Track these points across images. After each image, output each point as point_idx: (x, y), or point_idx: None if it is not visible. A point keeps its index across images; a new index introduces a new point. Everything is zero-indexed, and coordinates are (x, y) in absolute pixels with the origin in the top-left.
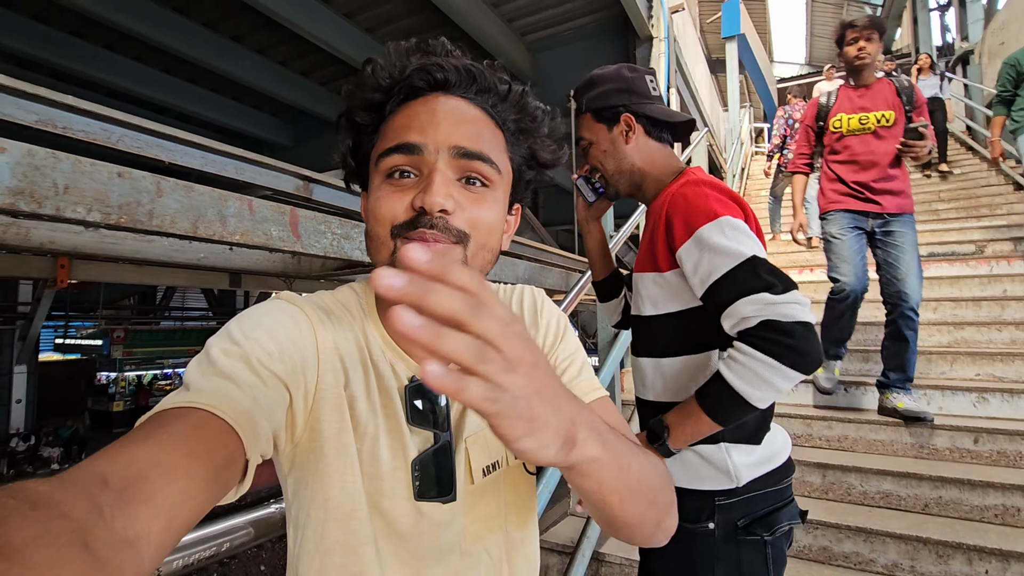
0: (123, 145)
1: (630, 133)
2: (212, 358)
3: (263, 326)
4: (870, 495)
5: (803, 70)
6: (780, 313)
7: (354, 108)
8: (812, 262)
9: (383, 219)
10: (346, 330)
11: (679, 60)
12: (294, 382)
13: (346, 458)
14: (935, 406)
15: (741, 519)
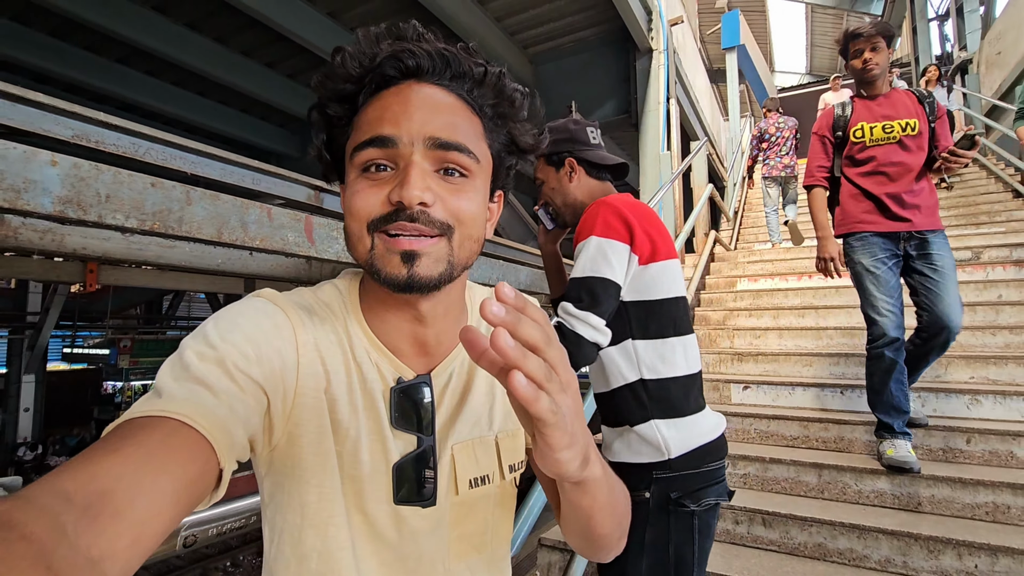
0: (150, 157)
1: (573, 174)
2: (186, 362)
3: (241, 328)
4: (864, 494)
5: (804, 79)
6: (568, 321)
7: (325, 100)
8: (810, 269)
9: (359, 214)
10: (328, 330)
11: (679, 71)
12: (272, 386)
13: (325, 464)
14: (930, 408)
15: (674, 492)
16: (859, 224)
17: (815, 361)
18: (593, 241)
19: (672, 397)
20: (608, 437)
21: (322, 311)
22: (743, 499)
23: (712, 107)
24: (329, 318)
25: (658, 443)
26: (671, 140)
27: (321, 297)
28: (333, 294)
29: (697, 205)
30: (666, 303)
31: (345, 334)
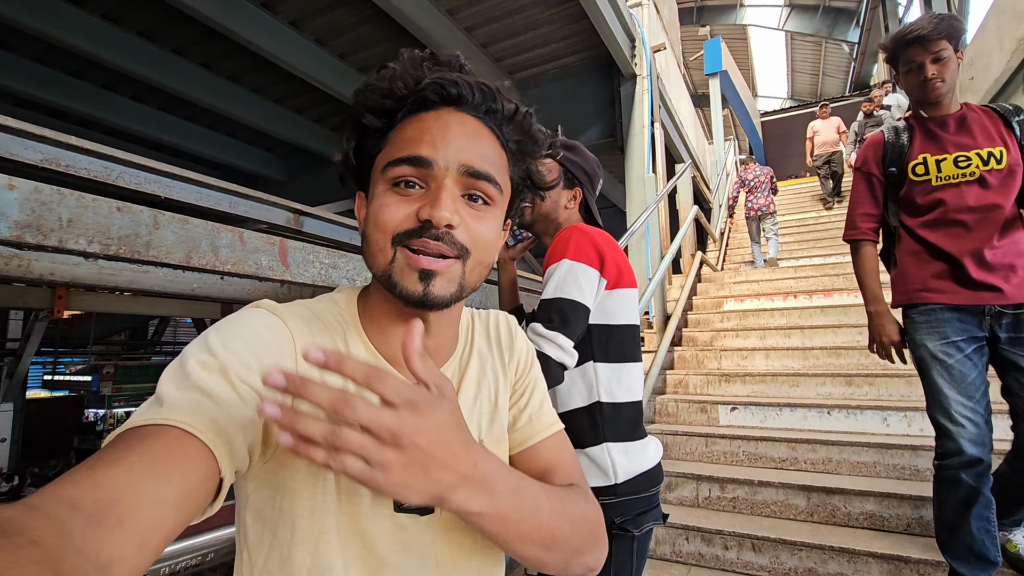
0: (122, 181)
1: (573, 201)
2: (188, 370)
3: (242, 337)
4: (854, 516)
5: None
6: (536, 343)
7: (364, 110)
8: (795, 288)
9: (386, 226)
10: (326, 340)
11: (663, 96)
12: (271, 396)
13: (318, 477)
14: (916, 427)
15: (617, 517)
16: (924, 293)
17: (802, 381)
18: (565, 264)
19: (624, 421)
20: None
21: (320, 322)
22: (733, 523)
23: (697, 131)
24: (327, 329)
25: (607, 467)
26: (656, 162)
27: (319, 308)
28: (331, 307)
29: (683, 226)
30: (625, 329)
31: (344, 344)
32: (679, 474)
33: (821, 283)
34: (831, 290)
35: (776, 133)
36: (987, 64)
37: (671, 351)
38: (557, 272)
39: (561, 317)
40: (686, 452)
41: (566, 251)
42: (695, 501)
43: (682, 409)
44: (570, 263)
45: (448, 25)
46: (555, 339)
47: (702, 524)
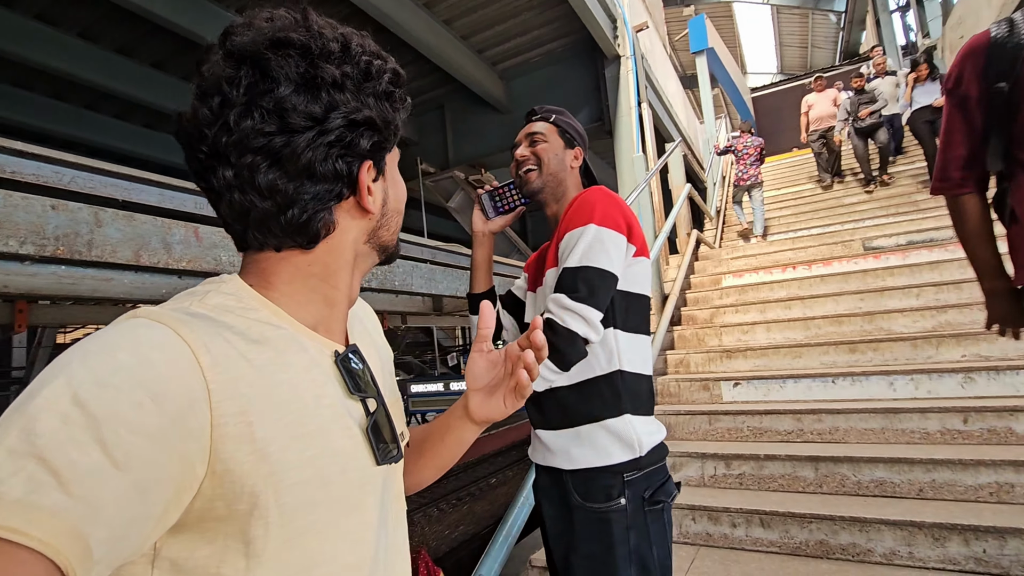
0: (76, 186)
1: (575, 161)
2: (35, 429)
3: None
4: (864, 484)
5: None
6: (560, 317)
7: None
8: (794, 260)
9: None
10: (240, 334)
11: (649, 76)
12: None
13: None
14: (923, 390)
15: (646, 490)
16: None
17: (804, 352)
18: (592, 229)
19: (642, 393)
20: (561, 443)
21: (224, 316)
22: (740, 500)
23: (687, 111)
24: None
25: (631, 439)
26: (646, 142)
27: (215, 304)
28: (226, 300)
29: (676, 204)
30: (643, 299)
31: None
32: (683, 453)
33: (820, 252)
34: (830, 259)
35: (768, 108)
36: (976, 22)
37: (670, 331)
38: (583, 238)
39: (589, 287)
40: (689, 431)
41: (592, 215)
42: (700, 480)
43: (684, 388)
44: (597, 228)
45: (426, 19)
46: (583, 312)
47: (708, 503)
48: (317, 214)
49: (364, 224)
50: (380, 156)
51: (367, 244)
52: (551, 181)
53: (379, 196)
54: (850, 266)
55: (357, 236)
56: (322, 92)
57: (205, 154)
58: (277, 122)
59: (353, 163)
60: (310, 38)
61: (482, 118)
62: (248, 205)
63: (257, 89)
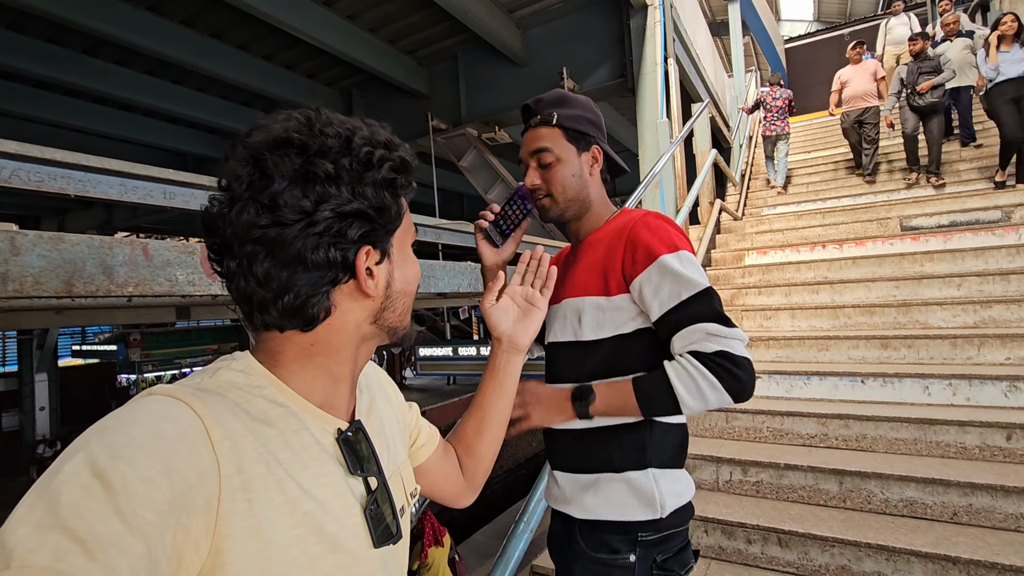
0: (17, 181)
1: (595, 165)
2: (60, 504)
3: (136, 442)
4: (892, 503)
5: (812, 27)
6: (731, 346)
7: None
8: (824, 237)
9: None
10: (247, 410)
11: (677, 27)
12: (187, 507)
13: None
14: (962, 397)
15: (659, 555)
16: None
17: (831, 345)
18: (686, 254)
19: (673, 445)
20: (576, 489)
21: (231, 393)
22: (757, 513)
23: (715, 63)
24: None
25: (652, 497)
26: (671, 104)
27: (224, 381)
28: (236, 377)
29: (700, 174)
30: None
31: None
32: (697, 455)
33: (852, 230)
34: (863, 238)
35: (801, 61)
36: None
37: None
38: (682, 262)
39: (722, 310)
40: (704, 428)
41: (674, 240)
42: (715, 484)
43: None
44: (683, 252)
45: None
46: (741, 336)
47: (723, 514)
48: (311, 299)
49: (367, 305)
50: (379, 241)
51: (373, 325)
52: (572, 205)
53: (382, 278)
54: (885, 248)
55: (361, 318)
56: (316, 186)
57: (216, 244)
58: (270, 215)
59: (348, 250)
60: (310, 137)
61: (497, 71)
62: (250, 291)
63: (256, 186)
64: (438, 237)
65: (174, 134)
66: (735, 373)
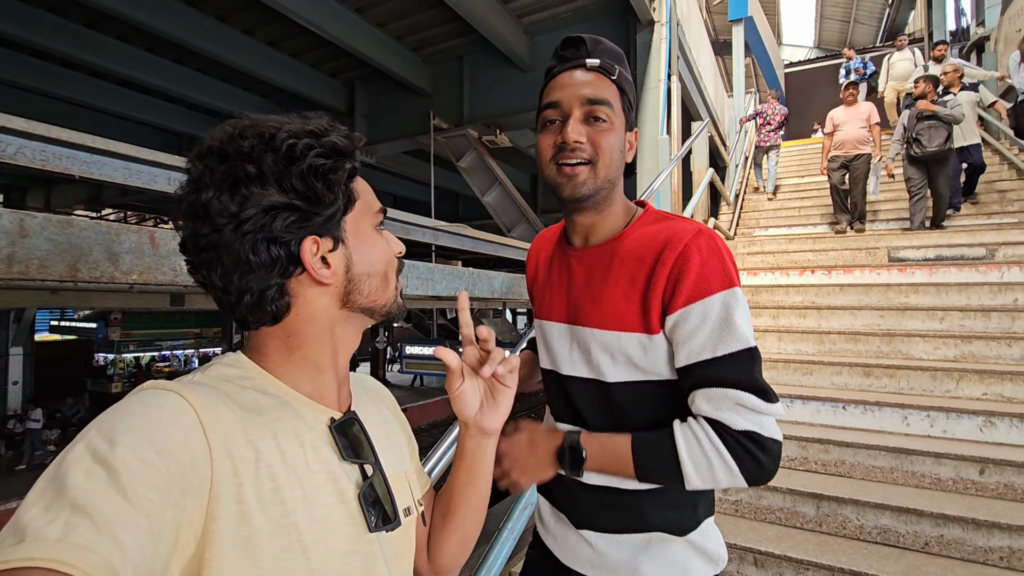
0: (21, 158)
1: (631, 152)
2: (67, 483)
3: (134, 428)
4: (866, 530)
5: (811, 54)
6: (761, 425)
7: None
8: (813, 263)
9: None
10: (237, 400)
11: (682, 45)
12: (183, 488)
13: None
14: (939, 429)
15: None
16: None
17: (816, 369)
18: (738, 295)
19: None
20: (624, 554)
21: (222, 385)
22: (735, 532)
23: (716, 82)
24: (231, 390)
25: (714, 551)
26: (671, 121)
27: (215, 374)
28: (229, 371)
29: (697, 191)
30: None
31: (261, 397)
32: None
33: (842, 257)
34: (852, 266)
35: (800, 85)
36: None
37: None
38: (732, 309)
39: (762, 376)
40: None
41: (725, 271)
42: None
43: None
44: (739, 291)
45: None
46: (779, 412)
47: None
48: (265, 295)
49: (329, 291)
50: (324, 230)
51: (343, 309)
52: (606, 188)
53: (338, 264)
54: (872, 277)
55: (327, 304)
56: (241, 188)
57: (187, 260)
58: (207, 223)
59: (289, 243)
60: (230, 142)
61: (502, 75)
62: (218, 297)
63: (191, 197)
64: (436, 239)
65: (171, 114)
66: (759, 459)
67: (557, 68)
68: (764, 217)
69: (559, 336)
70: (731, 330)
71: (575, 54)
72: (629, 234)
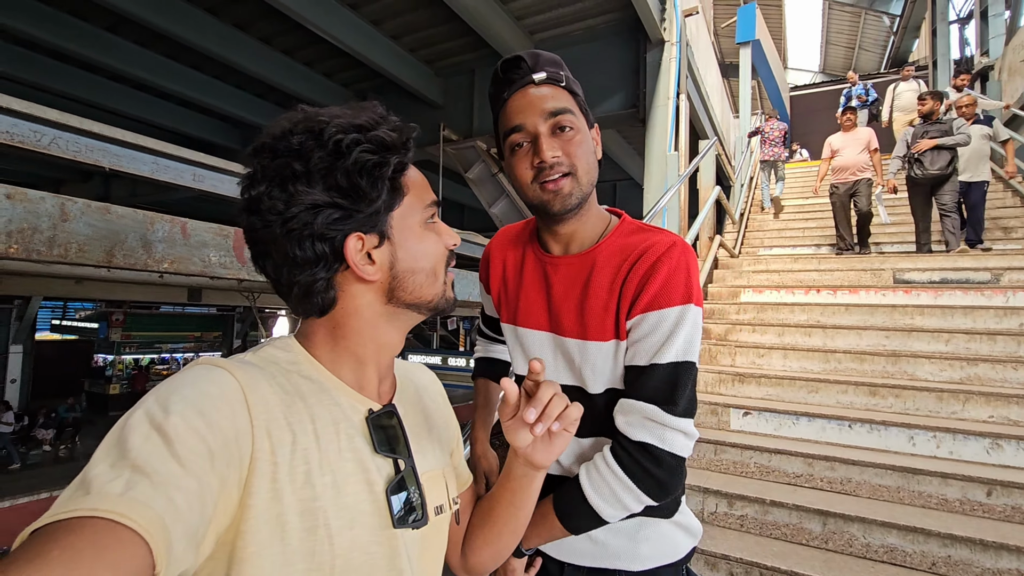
0: (56, 149)
1: (598, 148)
2: (128, 446)
3: (187, 400)
4: (873, 548)
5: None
6: (660, 438)
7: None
8: (819, 282)
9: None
10: (282, 383)
11: (691, 65)
12: (227, 459)
13: (284, 530)
14: (945, 450)
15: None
16: None
17: (821, 387)
18: (692, 312)
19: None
20: (622, 541)
21: (270, 366)
22: (741, 546)
23: (723, 103)
24: (276, 373)
25: (691, 524)
26: (679, 138)
27: (266, 357)
28: (277, 353)
29: (703, 209)
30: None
31: (302, 382)
32: (686, 484)
33: (847, 278)
34: (857, 287)
35: (804, 109)
36: None
37: None
38: (683, 324)
39: (687, 394)
40: (693, 458)
41: (690, 289)
42: (700, 515)
43: None
44: (696, 311)
45: None
46: (686, 429)
47: (707, 545)
48: (312, 288)
49: (374, 287)
50: (370, 225)
51: (388, 305)
52: (588, 193)
53: (383, 261)
54: (878, 297)
55: (372, 299)
56: (288, 185)
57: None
58: (258, 218)
59: (334, 240)
60: (279, 139)
61: None
62: (273, 285)
63: (246, 194)
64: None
65: (185, 118)
66: (650, 471)
67: (507, 92)
68: (769, 236)
69: (542, 345)
70: (672, 343)
71: (520, 74)
72: (608, 244)
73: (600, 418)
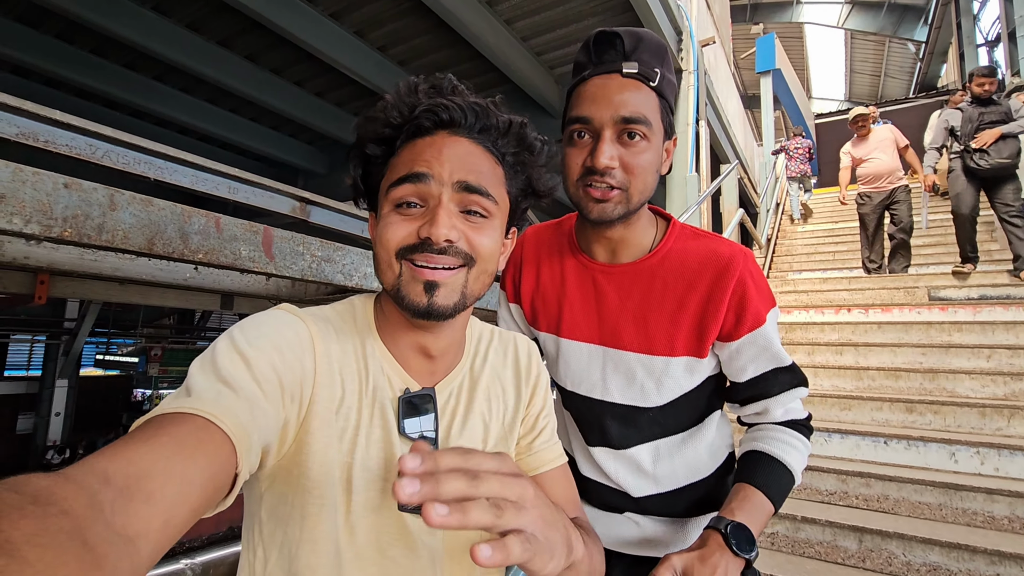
0: (108, 161)
1: (666, 162)
2: (217, 364)
3: (267, 336)
4: (915, 566)
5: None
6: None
7: (365, 141)
8: (849, 302)
9: (390, 244)
10: (345, 342)
11: (710, 93)
12: (292, 393)
13: (329, 476)
14: (990, 467)
15: None
16: None
17: (854, 405)
18: (775, 312)
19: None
20: (668, 531)
21: (339, 323)
22: (771, 564)
23: (745, 132)
24: (345, 330)
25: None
26: (700, 162)
27: (338, 311)
28: (350, 310)
29: (727, 229)
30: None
31: (361, 347)
32: None
33: (879, 296)
34: (890, 305)
35: (831, 136)
36: None
37: None
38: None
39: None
40: None
41: (767, 292)
42: None
43: None
44: (775, 308)
45: (488, 18)
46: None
47: None
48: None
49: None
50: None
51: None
52: (634, 209)
53: (372, 236)
54: (912, 315)
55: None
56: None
57: None
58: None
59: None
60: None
61: (533, 120)
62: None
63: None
64: None
65: (220, 158)
66: (806, 433)
67: (588, 71)
68: (797, 261)
69: (589, 358)
70: (776, 342)
71: (611, 56)
72: (666, 253)
73: (649, 428)
